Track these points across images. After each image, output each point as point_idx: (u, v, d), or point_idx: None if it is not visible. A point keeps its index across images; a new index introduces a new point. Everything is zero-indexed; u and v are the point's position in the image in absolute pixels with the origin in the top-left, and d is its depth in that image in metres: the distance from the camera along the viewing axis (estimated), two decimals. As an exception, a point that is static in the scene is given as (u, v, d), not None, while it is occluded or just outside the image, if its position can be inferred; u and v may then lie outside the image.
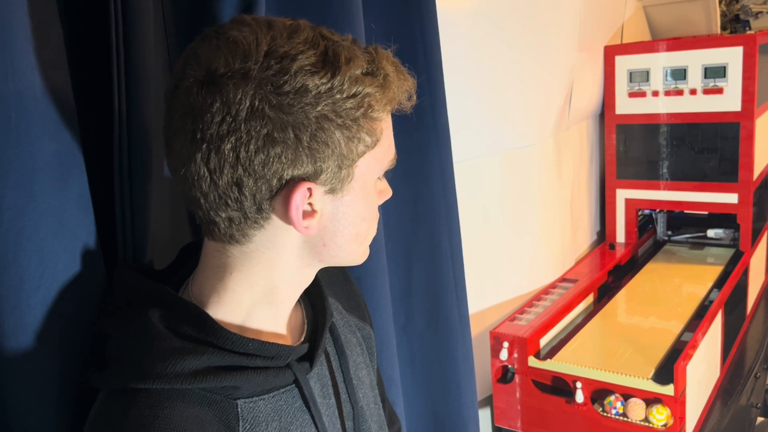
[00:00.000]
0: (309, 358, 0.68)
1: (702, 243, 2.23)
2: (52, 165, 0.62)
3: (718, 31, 2.44)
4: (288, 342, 0.68)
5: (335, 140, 0.57)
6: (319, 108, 0.56)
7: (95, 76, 0.73)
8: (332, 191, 0.60)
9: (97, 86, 0.73)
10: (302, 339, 0.70)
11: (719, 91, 1.96)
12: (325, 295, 0.73)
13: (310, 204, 0.60)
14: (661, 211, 2.27)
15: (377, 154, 0.62)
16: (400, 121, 1.14)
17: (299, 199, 0.58)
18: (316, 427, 0.66)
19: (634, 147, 2.14)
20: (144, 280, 0.64)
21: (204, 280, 0.64)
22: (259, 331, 0.65)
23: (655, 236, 2.28)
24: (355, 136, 0.58)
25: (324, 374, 0.71)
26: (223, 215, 0.59)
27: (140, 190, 0.73)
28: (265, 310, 0.65)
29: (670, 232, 2.27)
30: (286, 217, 0.59)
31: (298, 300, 0.73)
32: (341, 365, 0.74)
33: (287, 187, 0.57)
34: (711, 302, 1.77)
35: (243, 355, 0.61)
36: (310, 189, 0.58)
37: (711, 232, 2.20)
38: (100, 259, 0.69)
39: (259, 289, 0.64)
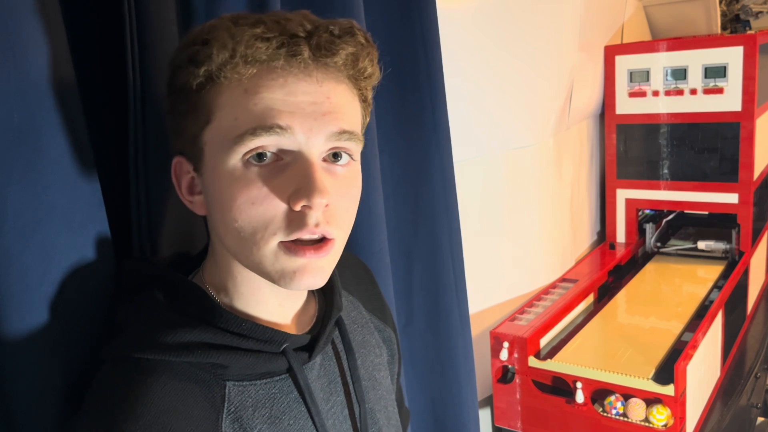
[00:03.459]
0: (311, 350, 0.66)
1: (692, 255, 2.18)
2: (58, 162, 0.62)
3: (719, 30, 2.44)
4: (293, 332, 0.68)
5: None
6: None
7: (110, 69, 0.73)
8: None
9: (113, 80, 0.73)
10: (307, 331, 0.69)
11: (719, 91, 1.96)
12: (337, 290, 0.72)
13: None
14: (649, 222, 2.25)
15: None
16: (400, 121, 1.16)
17: None
18: (313, 421, 0.64)
19: (634, 147, 2.14)
20: (154, 265, 0.66)
21: (213, 267, 0.66)
22: (263, 319, 0.65)
23: (644, 247, 2.27)
24: None
25: (332, 370, 0.70)
26: None
27: (156, 185, 0.73)
28: (272, 298, 0.65)
29: (659, 244, 2.25)
30: None
31: (315, 294, 0.73)
32: (349, 363, 0.72)
33: None
34: (711, 302, 1.76)
35: (236, 335, 0.60)
36: None
37: (702, 244, 2.14)
38: (111, 255, 0.69)
39: (258, 284, 0.63)
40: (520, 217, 1.82)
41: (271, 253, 0.57)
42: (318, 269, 0.58)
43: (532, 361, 1.58)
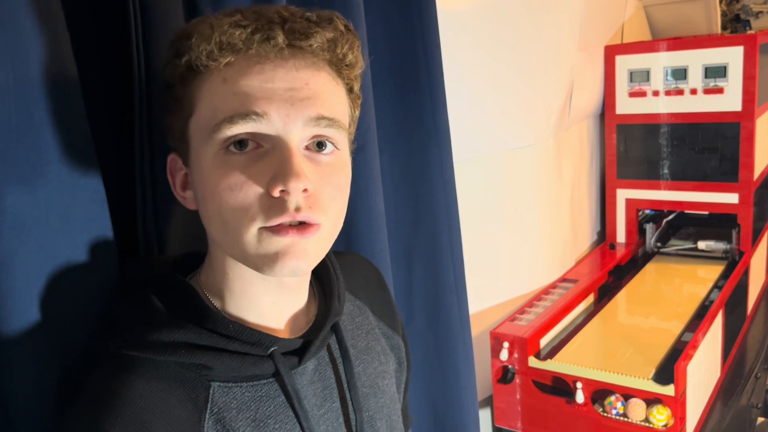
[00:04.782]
0: (302, 354, 0.65)
1: (693, 256, 2.17)
2: (57, 161, 0.62)
3: (719, 30, 2.44)
4: (286, 336, 0.67)
5: None
6: None
7: (115, 67, 0.73)
8: None
9: (118, 78, 0.73)
10: (302, 335, 0.68)
11: (720, 90, 1.96)
12: (336, 295, 0.70)
13: None
14: (649, 222, 2.25)
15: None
16: (400, 121, 1.16)
17: None
18: (300, 426, 0.63)
19: (634, 147, 2.14)
20: (154, 264, 0.66)
21: (208, 266, 0.66)
22: (252, 321, 0.64)
23: (644, 247, 2.26)
24: None
25: (328, 376, 0.69)
26: None
27: (162, 184, 0.72)
28: (264, 296, 0.64)
29: (659, 244, 2.25)
30: None
31: (316, 297, 0.72)
32: (345, 369, 0.70)
33: None
34: (711, 302, 1.76)
35: (222, 336, 0.60)
36: None
37: (702, 244, 2.14)
38: (113, 254, 0.69)
39: (250, 278, 0.63)
40: (520, 217, 1.82)
41: (253, 237, 0.57)
42: (302, 251, 0.57)
43: (532, 361, 1.58)
